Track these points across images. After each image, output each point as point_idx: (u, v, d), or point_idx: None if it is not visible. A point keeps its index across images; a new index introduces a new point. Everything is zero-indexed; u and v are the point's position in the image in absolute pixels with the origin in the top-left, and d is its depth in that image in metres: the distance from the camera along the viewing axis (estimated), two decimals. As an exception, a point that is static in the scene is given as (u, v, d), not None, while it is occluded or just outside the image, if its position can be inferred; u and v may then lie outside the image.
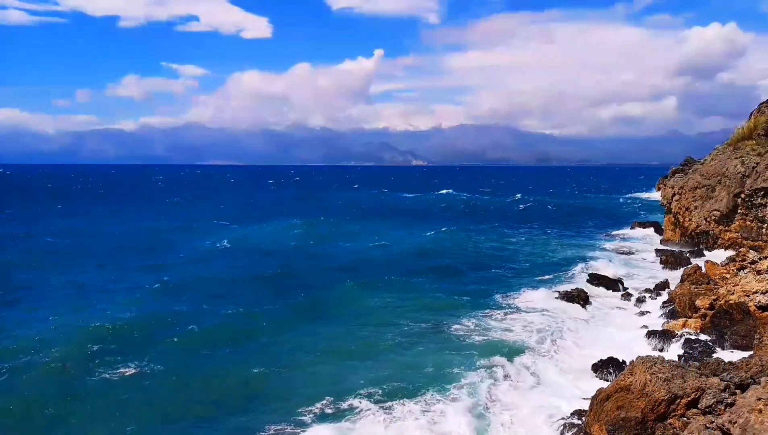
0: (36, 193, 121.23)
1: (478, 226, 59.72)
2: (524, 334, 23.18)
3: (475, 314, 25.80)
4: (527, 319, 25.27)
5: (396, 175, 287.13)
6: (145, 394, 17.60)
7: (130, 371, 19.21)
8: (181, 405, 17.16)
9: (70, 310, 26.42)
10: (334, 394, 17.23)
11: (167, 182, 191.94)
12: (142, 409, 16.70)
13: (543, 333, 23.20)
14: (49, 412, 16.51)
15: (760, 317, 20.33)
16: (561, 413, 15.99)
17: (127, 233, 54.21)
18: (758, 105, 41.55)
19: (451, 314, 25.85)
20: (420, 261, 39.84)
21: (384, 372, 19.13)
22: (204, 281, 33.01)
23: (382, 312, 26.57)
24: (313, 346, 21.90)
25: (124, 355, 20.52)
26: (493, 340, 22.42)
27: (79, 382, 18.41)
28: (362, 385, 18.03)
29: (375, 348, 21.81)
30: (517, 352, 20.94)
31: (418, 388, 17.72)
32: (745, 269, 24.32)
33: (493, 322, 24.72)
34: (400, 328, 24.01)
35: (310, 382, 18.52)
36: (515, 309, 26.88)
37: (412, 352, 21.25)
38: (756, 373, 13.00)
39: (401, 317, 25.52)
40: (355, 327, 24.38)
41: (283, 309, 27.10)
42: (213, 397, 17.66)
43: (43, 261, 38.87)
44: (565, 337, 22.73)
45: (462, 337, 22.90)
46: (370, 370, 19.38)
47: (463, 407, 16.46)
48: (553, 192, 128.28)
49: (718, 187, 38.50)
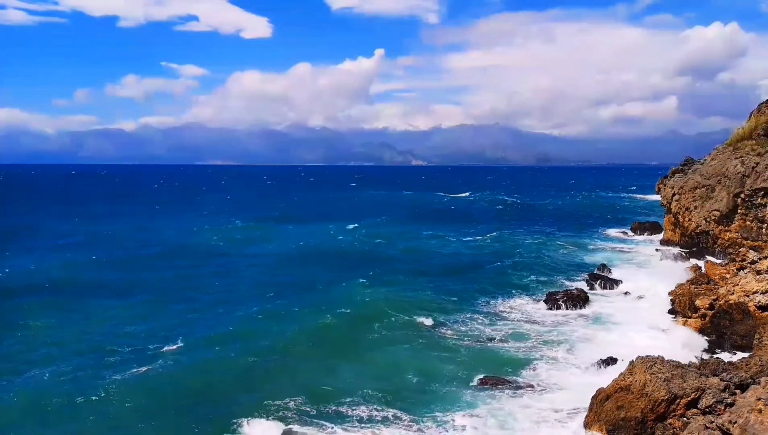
0: (38, 193, 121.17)
1: (478, 226, 59.67)
2: (523, 333, 23.19)
3: (475, 314, 25.82)
4: (526, 319, 25.28)
5: (397, 175, 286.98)
6: (143, 392, 17.63)
7: (130, 370, 19.23)
8: (171, 398, 17.20)
9: (71, 309, 26.42)
10: (325, 391, 17.38)
11: (166, 181, 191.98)
12: (140, 405, 16.72)
13: (543, 333, 23.22)
14: (54, 412, 16.55)
15: (759, 317, 20.34)
16: (561, 413, 16.00)
17: (128, 233, 54.22)
18: (758, 105, 41.47)
19: (450, 314, 25.87)
20: (420, 261, 39.84)
21: (376, 369, 19.18)
22: (204, 281, 33.03)
23: (382, 311, 26.59)
24: (309, 345, 21.94)
25: (124, 350, 20.56)
26: (493, 340, 22.42)
27: (80, 381, 18.43)
28: (352, 381, 18.21)
29: (368, 345, 21.86)
30: (516, 352, 20.96)
31: (417, 388, 17.75)
32: (745, 269, 24.30)
33: (491, 321, 24.73)
34: (400, 328, 24.02)
35: (298, 378, 18.65)
36: (514, 309, 26.90)
37: (411, 352, 21.25)
38: (756, 373, 13.02)
39: (399, 315, 25.55)
40: (354, 325, 24.39)
41: (281, 307, 27.15)
42: (202, 392, 17.70)
43: (47, 261, 38.89)
44: (565, 337, 22.75)
45: (461, 337, 22.90)
46: (359, 367, 19.53)
47: (462, 407, 16.48)
48: (553, 192, 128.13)
49: (718, 187, 38.40)
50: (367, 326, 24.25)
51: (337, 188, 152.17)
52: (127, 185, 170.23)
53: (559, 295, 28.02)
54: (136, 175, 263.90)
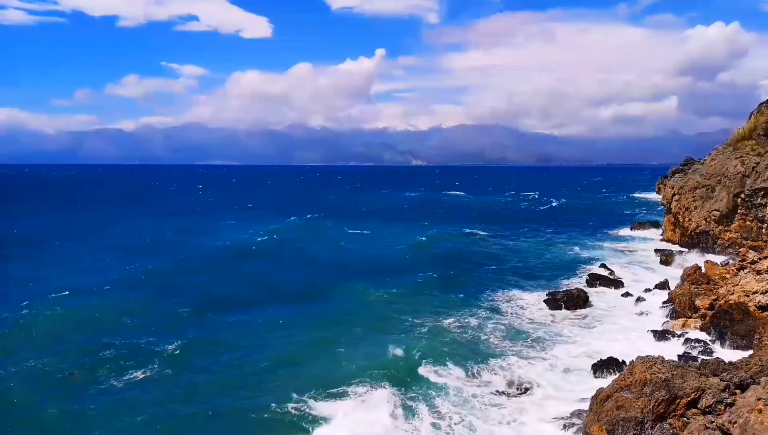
0: (43, 193, 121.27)
1: (478, 226, 59.65)
2: (524, 333, 23.19)
3: (474, 314, 25.79)
4: (527, 319, 25.27)
5: (396, 175, 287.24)
6: (144, 393, 17.64)
7: (132, 370, 19.23)
8: (177, 399, 17.21)
9: (72, 309, 26.43)
10: (326, 387, 17.45)
11: (169, 182, 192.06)
12: (141, 406, 16.72)
13: (543, 333, 23.22)
14: (54, 414, 16.52)
15: (759, 317, 20.34)
16: (561, 413, 16.01)
17: (129, 233, 54.26)
18: (758, 105, 41.48)
19: (450, 314, 25.83)
20: (419, 260, 39.83)
21: (374, 368, 19.21)
22: (205, 282, 33.05)
23: (381, 310, 26.63)
24: (308, 344, 21.99)
25: (126, 353, 20.57)
26: (493, 340, 22.41)
27: (82, 382, 18.43)
28: (352, 377, 18.27)
29: (368, 344, 21.88)
30: (517, 352, 20.95)
31: (412, 387, 17.76)
32: (745, 269, 24.31)
33: (492, 321, 24.70)
34: (399, 327, 24.04)
35: (301, 375, 18.69)
36: (514, 309, 26.88)
37: (410, 352, 21.24)
38: (756, 373, 13.01)
39: (399, 315, 25.57)
40: (354, 326, 24.41)
41: (280, 306, 27.19)
42: (207, 392, 17.72)
43: (48, 261, 38.92)
44: (565, 337, 22.76)
45: (460, 336, 22.88)
46: (358, 363, 19.54)
47: (461, 407, 16.49)
48: (553, 192, 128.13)
49: (718, 187, 38.48)
50: (374, 325, 24.29)
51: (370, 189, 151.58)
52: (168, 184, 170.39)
53: (559, 295, 28.01)
54: (181, 176, 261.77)
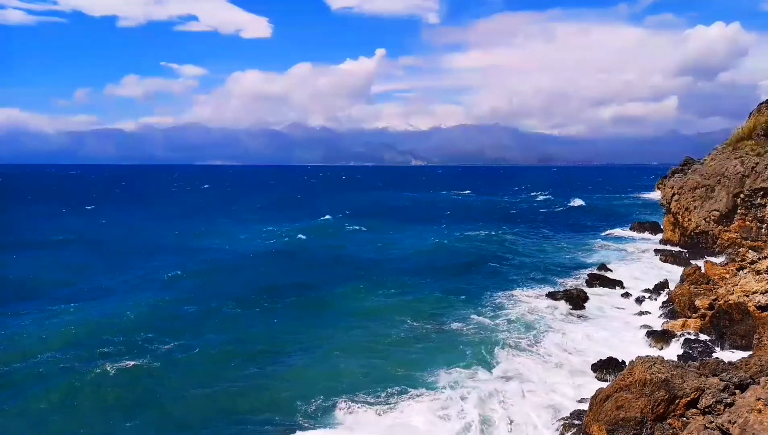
0: (54, 193, 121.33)
1: (477, 226, 59.66)
2: (524, 334, 23.16)
3: (474, 314, 25.78)
4: (526, 320, 25.24)
5: (397, 175, 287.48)
6: (145, 393, 17.63)
7: (131, 369, 19.20)
8: (180, 402, 17.20)
9: (72, 309, 26.43)
10: (332, 394, 17.30)
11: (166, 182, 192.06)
12: (142, 407, 16.72)
13: (543, 333, 23.19)
14: (52, 410, 16.53)
15: (759, 317, 20.32)
16: (561, 413, 16.00)
17: (130, 233, 54.28)
18: (758, 105, 41.48)
19: (450, 314, 25.84)
20: (419, 260, 39.84)
21: (381, 371, 19.20)
22: (205, 281, 33.04)
23: (380, 310, 26.63)
24: (311, 346, 21.94)
25: (126, 354, 20.57)
26: (493, 341, 22.39)
27: (82, 381, 18.41)
28: (359, 383, 18.15)
29: (372, 346, 21.86)
30: (517, 353, 20.93)
31: (415, 388, 17.76)
32: (745, 269, 24.30)
33: (491, 323, 24.68)
34: (398, 327, 24.05)
35: (306, 380, 18.58)
36: (514, 309, 26.84)
37: (410, 352, 21.25)
38: (755, 373, 13.01)
39: (399, 316, 25.57)
40: (354, 326, 24.40)
41: (283, 308, 27.18)
42: (211, 397, 17.69)
43: (49, 261, 38.91)
44: (565, 338, 22.72)
45: (460, 337, 22.88)
46: (366, 368, 19.46)
47: (460, 407, 16.47)
48: (553, 191, 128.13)
49: (718, 187, 38.48)
50: (376, 326, 24.28)
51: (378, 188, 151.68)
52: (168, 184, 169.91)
53: (558, 295, 28.01)
54: (190, 176, 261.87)
